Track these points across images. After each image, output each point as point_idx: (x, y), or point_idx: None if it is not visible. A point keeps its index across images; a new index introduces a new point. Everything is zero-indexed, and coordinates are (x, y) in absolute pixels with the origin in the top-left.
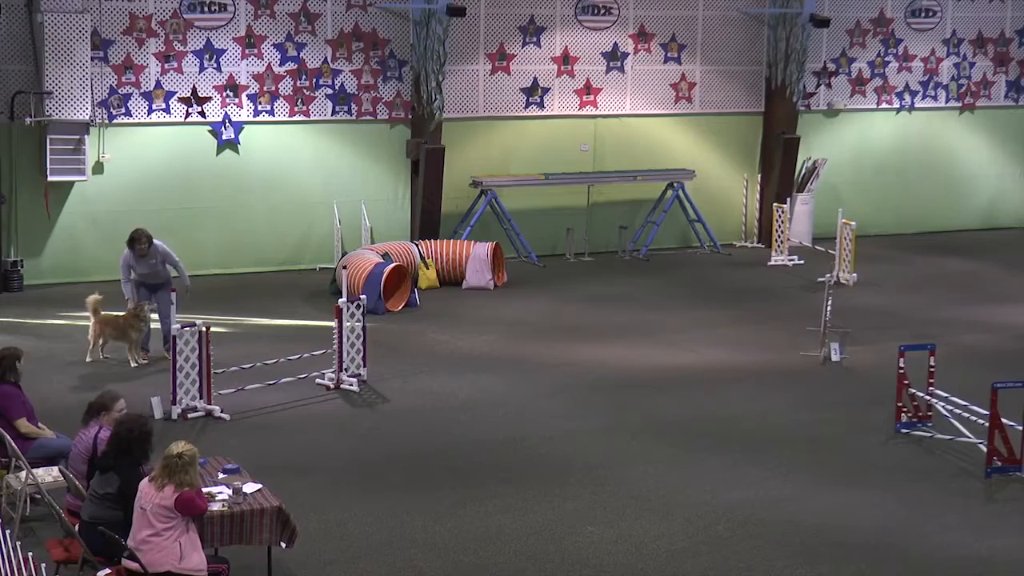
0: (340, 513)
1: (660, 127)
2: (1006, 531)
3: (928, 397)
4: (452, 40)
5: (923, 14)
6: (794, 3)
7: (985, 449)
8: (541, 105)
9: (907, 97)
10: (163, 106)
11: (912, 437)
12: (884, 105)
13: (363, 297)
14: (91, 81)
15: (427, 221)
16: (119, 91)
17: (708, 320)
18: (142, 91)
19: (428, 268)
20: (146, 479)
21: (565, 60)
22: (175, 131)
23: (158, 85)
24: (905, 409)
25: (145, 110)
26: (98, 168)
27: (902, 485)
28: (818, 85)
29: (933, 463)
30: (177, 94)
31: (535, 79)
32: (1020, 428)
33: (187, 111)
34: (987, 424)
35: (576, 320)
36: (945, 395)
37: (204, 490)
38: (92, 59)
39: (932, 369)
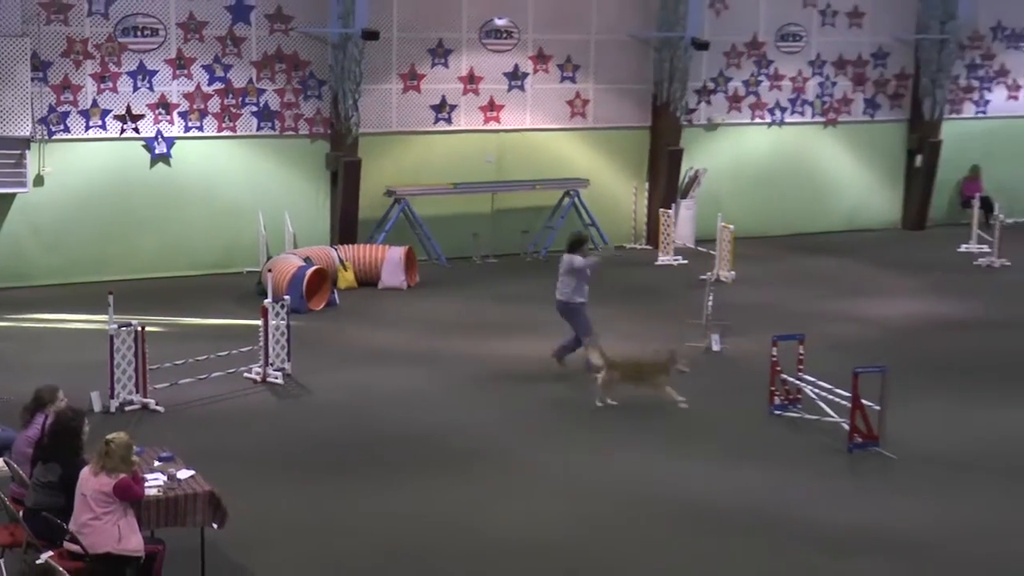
0: (268, 498)
1: (557, 140)
2: (866, 501)
3: (797, 382)
4: (367, 61)
5: (791, 39)
6: (677, 28)
7: (847, 427)
8: (449, 121)
9: (778, 113)
10: (100, 123)
11: (784, 418)
12: (758, 120)
13: (287, 297)
14: (31, 100)
15: (345, 227)
16: (58, 109)
17: (602, 315)
18: (80, 109)
19: (346, 270)
20: (86, 467)
21: (471, 79)
22: (111, 146)
23: (95, 103)
24: (777, 393)
25: (83, 127)
26: (39, 181)
27: (775, 461)
28: (699, 102)
29: (802, 441)
30: (113, 112)
31: (443, 97)
32: (877, 408)
33: (122, 127)
34: (849, 405)
35: (483, 317)
36: (813, 380)
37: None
38: (32, 80)
39: (801, 356)
